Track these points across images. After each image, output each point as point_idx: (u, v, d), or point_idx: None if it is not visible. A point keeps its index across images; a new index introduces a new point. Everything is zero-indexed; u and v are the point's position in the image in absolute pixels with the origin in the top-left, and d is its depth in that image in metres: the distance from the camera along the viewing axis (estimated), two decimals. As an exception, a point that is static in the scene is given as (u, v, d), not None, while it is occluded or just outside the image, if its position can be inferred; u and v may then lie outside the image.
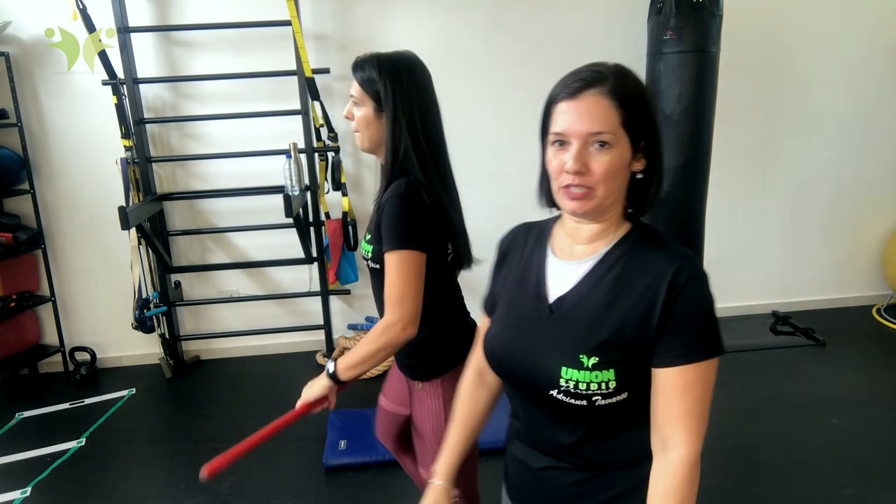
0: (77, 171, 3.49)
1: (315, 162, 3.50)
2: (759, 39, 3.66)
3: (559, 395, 0.96)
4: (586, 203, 0.95)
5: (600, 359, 0.93)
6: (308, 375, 1.57)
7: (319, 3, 3.41)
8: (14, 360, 3.50)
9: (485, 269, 4.14)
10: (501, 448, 2.82)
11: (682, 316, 0.91)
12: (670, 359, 0.92)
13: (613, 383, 0.93)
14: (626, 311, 0.93)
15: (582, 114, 0.94)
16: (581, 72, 0.99)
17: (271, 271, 3.75)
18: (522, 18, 3.52)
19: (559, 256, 1.05)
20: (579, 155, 0.93)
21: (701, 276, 0.93)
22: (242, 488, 2.55)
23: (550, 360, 0.97)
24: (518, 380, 1.05)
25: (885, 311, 4.03)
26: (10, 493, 2.57)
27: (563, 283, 1.01)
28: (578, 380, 0.93)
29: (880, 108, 3.87)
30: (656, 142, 0.98)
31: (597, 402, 0.94)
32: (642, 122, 0.95)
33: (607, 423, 0.99)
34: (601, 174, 0.93)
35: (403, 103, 1.40)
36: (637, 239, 0.99)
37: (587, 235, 1.01)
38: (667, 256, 0.95)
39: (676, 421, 0.92)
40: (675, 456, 0.92)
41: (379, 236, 1.41)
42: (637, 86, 0.96)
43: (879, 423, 2.82)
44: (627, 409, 0.96)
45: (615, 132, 0.93)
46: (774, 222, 4.01)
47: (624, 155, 0.94)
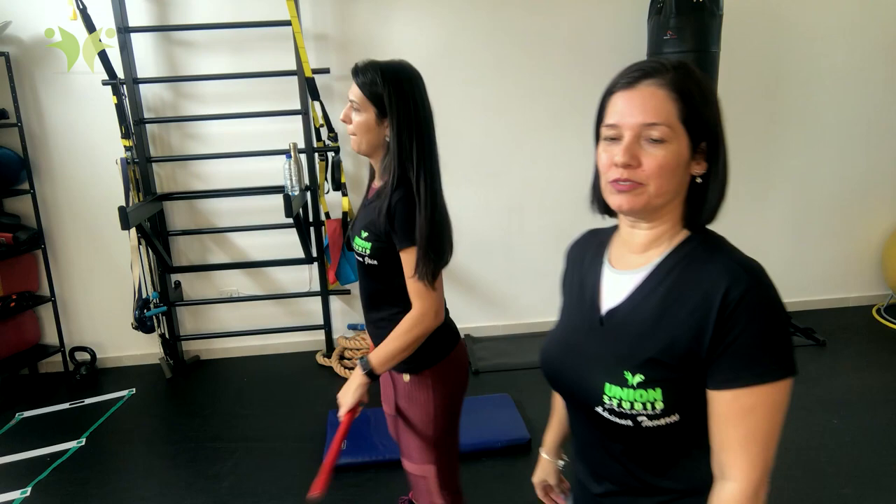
0: (77, 171, 3.50)
1: (315, 162, 3.50)
2: (759, 39, 3.67)
3: (604, 412, 0.90)
4: (634, 198, 0.88)
5: (646, 377, 0.86)
6: (308, 375, 1.58)
7: (319, 3, 3.41)
8: (14, 360, 3.50)
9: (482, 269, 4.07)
10: (500, 448, 2.81)
11: (737, 335, 0.82)
12: (724, 381, 0.83)
13: (661, 404, 0.85)
14: (676, 328, 0.86)
15: (636, 105, 0.87)
16: (642, 62, 0.91)
17: (271, 271, 3.75)
18: (522, 18, 3.52)
19: (615, 266, 0.98)
20: (629, 147, 0.86)
21: (761, 289, 0.83)
22: (242, 488, 2.55)
23: (595, 375, 0.91)
24: (566, 391, 1.00)
25: (885, 311, 4.03)
26: (10, 493, 2.57)
27: (617, 295, 0.95)
28: (622, 398, 0.87)
29: (880, 108, 3.87)
30: (720, 144, 0.90)
31: (643, 424, 0.87)
32: (704, 120, 0.88)
33: (661, 448, 0.91)
34: (653, 169, 0.86)
35: (408, 111, 1.44)
36: (695, 247, 0.91)
37: (641, 242, 0.94)
38: (724, 267, 0.85)
39: (733, 449, 0.84)
40: (731, 489, 0.85)
41: (379, 234, 1.46)
42: (701, 82, 0.89)
43: (879, 423, 2.82)
44: (682, 433, 0.89)
45: (672, 126, 0.86)
46: (774, 222, 4.01)
47: (681, 153, 0.87)
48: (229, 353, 3.84)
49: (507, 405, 2.98)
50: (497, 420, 2.86)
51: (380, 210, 1.46)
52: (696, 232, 0.93)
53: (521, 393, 3.14)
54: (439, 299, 1.48)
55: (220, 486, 2.56)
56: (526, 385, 3.24)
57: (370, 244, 1.49)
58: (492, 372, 3.44)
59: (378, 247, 1.48)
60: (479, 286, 3.89)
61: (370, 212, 1.50)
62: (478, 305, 3.92)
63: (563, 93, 3.61)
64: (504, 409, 2.94)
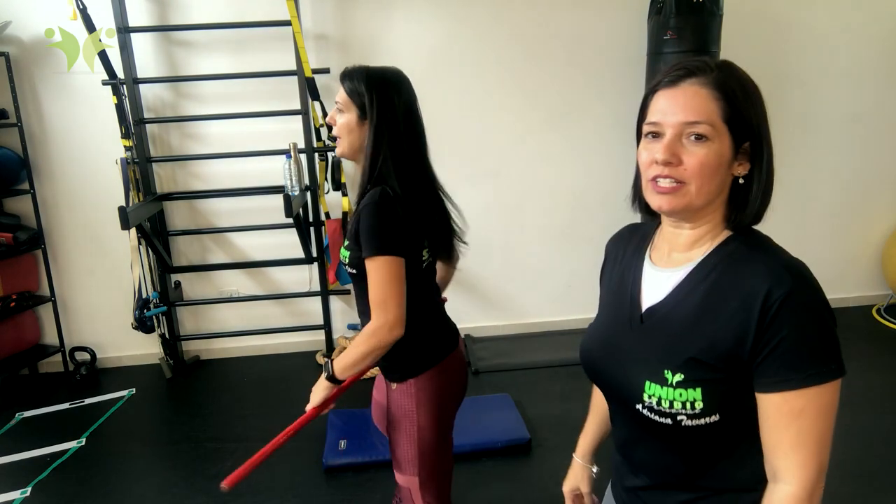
0: (77, 171, 3.49)
1: (315, 162, 3.50)
2: (759, 39, 3.66)
3: (644, 410, 0.90)
4: (675, 199, 0.87)
5: (686, 376, 0.86)
6: (308, 375, 1.59)
7: (319, 3, 3.41)
8: (14, 360, 3.50)
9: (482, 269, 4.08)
10: (500, 448, 2.81)
11: (782, 337, 0.81)
12: (772, 384, 0.83)
13: (700, 404, 0.85)
14: (717, 328, 0.85)
15: (678, 103, 0.87)
16: (686, 61, 0.91)
17: (271, 271, 3.75)
18: (522, 18, 3.52)
19: (656, 264, 0.98)
20: (671, 145, 0.86)
21: (805, 290, 0.82)
22: (242, 488, 2.54)
23: (635, 373, 0.91)
24: (607, 387, 1.01)
25: (885, 311, 4.03)
26: (10, 493, 2.57)
27: (658, 293, 0.95)
28: (661, 396, 0.87)
29: (880, 109, 3.87)
30: (763, 145, 0.89)
31: (682, 423, 0.87)
32: (747, 120, 0.87)
33: (701, 447, 0.91)
34: (695, 168, 0.85)
35: (387, 116, 1.46)
36: (738, 246, 0.90)
37: (685, 242, 0.93)
38: (766, 267, 0.84)
39: (784, 452, 0.84)
40: (784, 491, 0.85)
41: (355, 243, 1.47)
42: (744, 81, 0.89)
43: (879, 423, 2.82)
44: (723, 433, 0.88)
45: (714, 125, 0.85)
46: (774, 222, 3.97)
47: (723, 152, 0.86)
48: (229, 353, 3.83)
49: (507, 405, 2.98)
50: (497, 420, 2.86)
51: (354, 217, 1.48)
52: (739, 233, 0.92)
53: (521, 393, 3.14)
54: (397, 312, 1.40)
55: (220, 486, 2.56)
56: (526, 385, 3.24)
57: (349, 253, 1.51)
58: (492, 372, 3.44)
59: (356, 255, 1.47)
60: (479, 286, 3.89)
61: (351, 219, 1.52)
62: (478, 305, 3.91)
63: (563, 92, 3.61)
64: (504, 409, 2.94)
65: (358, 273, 1.49)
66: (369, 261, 1.41)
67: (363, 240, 1.42)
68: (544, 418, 2.94)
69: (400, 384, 1.57)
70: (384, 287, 1.40)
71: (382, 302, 1.40)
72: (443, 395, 1.58)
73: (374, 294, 1.40)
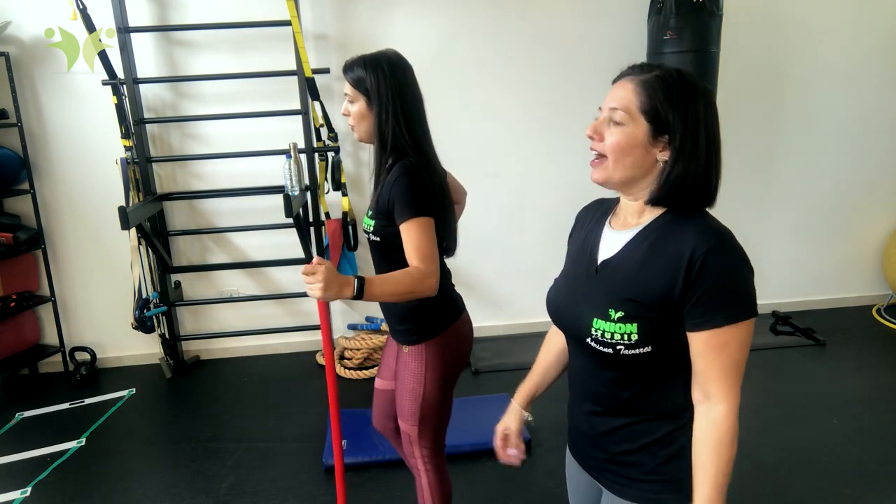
0: (77, 171, 3.49)
1: (315, 162, 3.50)
2: (759, 39, 3.66)
3: (591, 342, 1.09)
4: (598, 172, 1.08)
5: (625, 313, 1.04)
6: (308, 375, 1.59)
7: (319, 3, 3.41)
8: (14, 360, 3.50)
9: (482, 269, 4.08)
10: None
11: (705, 287, 0.99)
12: (701, 323, 1.00)
13: (635, 336, 1.03)
14: (652, 276, 1.03)
15: (612, 94, 1.07)
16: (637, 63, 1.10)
17: (271, 271, 3.75)
18: (522, 18, 3.52)
19: (614, 227, 1.16)
20: (597, 125, 1.08)
21: (723, 247, 1.00)
22: (242, 488, 2.55)
23: (587, 312, 1.10)
24: (566, 327, 1.20)
25: (885, 311, 4.03)
26: (10, 493, 2.57)
27: (611, 249, 1.13)
28: (605, 329, 1.06)
29: (880, 108, 3.87)
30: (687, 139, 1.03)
31: (621, 352, 1.05)
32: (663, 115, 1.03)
33: (636, 375, 1.09)
34: (610, 144, 1.05)
35: (387, 94, 1.58)
36: (674, 217, 1.07)
37: (633, 211, 1.12)
38: (695, 230, 1.02)
39: (715, 379, 1.02)
40: (718, 410, 1.02)
41: (382, 212, 1.59)
42: (678, 86, 1.03)
43: (879, 423, 2.82)
44: (654, 363, 1.07)
45: (630, 112, 1.04)
46: (774, 222, 4.01)
47: (636, 135, 1.04)
48: (229, 353, 3.83)
49: (507, 405, 2.97)
50: (497, 420, 2.83)
51: (383, 188, 1.58)
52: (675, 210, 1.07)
53: (521, 393, 3.14)
54: (438, 266, 1.53)
55: (220, 486, 2.56)
56: (526, 385, 3.24)
57: (374, 222, 1.63)
58: (492, 372, 3.44)
59: (381, 224, 1.60)
60: (479, 286, 3.89)
61: (377, 194, 1.64)
62: (478, 305, 3.91)
63: (563, 92, 3.61)
64: (504, 410, 2.93)
65: (382, 241, 1.62)
66: (407, 223, 1.51)
67: (398, 206, 1.52)
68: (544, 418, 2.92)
69: (412, 347, 1.71)
70: (427, 244, 1.51)
71: (431, 255, 1.51)
72: (450, 360, 1.73)
73: (419, 250, 1.51)
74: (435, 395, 1.72)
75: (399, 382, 1.75)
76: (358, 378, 3.45)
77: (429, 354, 1.69)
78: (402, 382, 1.74)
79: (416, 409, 1.73)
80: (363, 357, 3.54)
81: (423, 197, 1.53)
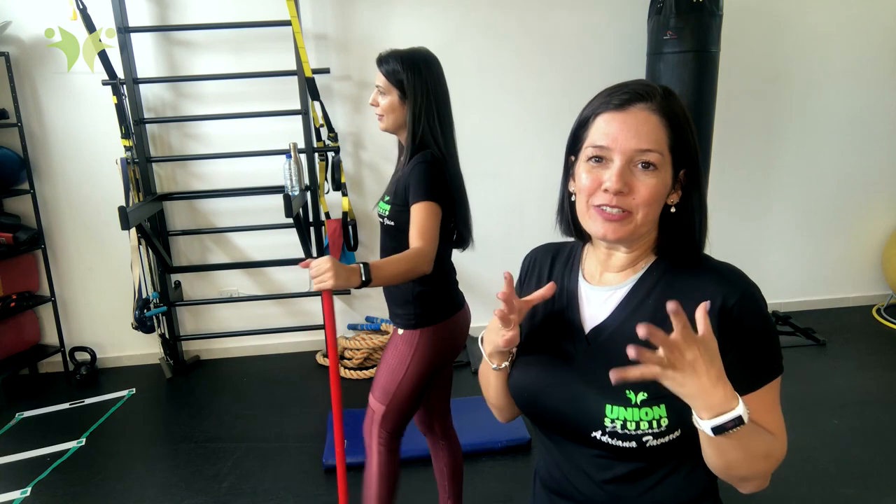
0: (77, 171, 3.49)
1: (315, 162, 3.50)
2: (759, 39, 3.66)
3: (604, 436, 0.86)
4: (622, 228, 0.86)
5: (650, 394, 0.83)
6: (308, 375, 1.59)
7: (319, 3, 3.41)
8: (14, 360, 3.50)
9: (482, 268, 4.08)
10: (500, 448, 2.81)
11: (740, 344, 0.83)
12: (750, 386, 0.84)
13: (666, 420, 0.83)
14: None
15: (630, 128, 0.84)
16: (628, 84, 0.89)
17: (271, 271, 3.75)
18: (522, 19, 3.52)
19: (590, 283, 0.96)
20: (622, 173, 0.84)
21: (753, 294, 0.85)
22: (242, 488, 2.55)
23: (592, 398, 0.87)
24: (552, 420, 0.94)
25: (885, 311, 4.03)
26: (10, 494, 2.57)
27: (599, 312, 0.93)
28: (627, 418, 0.84)
29: (880, 108, 3.87)
30: (699, 173, 0.89)
31: (648, 443, 0.84)
32: (689, 148, 0.87)
33: (656, 468, 0.89)
34: (645, 198, 0.84)
35: (424, 92, 1.68)
36: (673, 262, 0.91)
37: (619, 264, 0.93)
38: (713, 278, 0.86)
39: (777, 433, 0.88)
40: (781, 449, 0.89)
41: (398, 198, 1.67)
42: (683, 108, 0.89)
43: (879, 423, 2.82)
44: (678, 450, 0.87)
45: (663, 153, 0.85)
46: (774, 222, 4.01)
47: (667, 181, 0.86)
48: (229, 353, 3.83)
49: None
50: (497, 420, 2.85)
51: (402, 176, 1.66)
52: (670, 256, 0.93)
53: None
54: (435, 249, 1.60)
55: (220, 486, 2.56)
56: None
57: (389, 206, 1.71)
58: (492, 372, 3.43)
59: (396, 209, 1.68)
60: (479, 286, 3.89)
61: (395, 180, 1.72)
62: (478, 305, 3.87)
63: (563, 92, 3.61)
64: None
65: (396, 225, 1.70)
66: (417, 205, 1.60)
67: (413, 189, 1.61)
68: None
69: (407, 331, 1.75)
70: (429, 226, 1.59)
71: (431, 237, 1.58)
72: (439, 352, 1.77)
73: (420, 231, 1.58)
74: (413, 381, 1.75)
75: (383, 359, 1.81)
76: (358, 378, 3.45)
77: (420, 341, 1.74)
78: (385, 359, 1.79)
79: (390, 389, 1.77)
80: (363, 357, 3.54)
81: (437, 185, 1.62)
